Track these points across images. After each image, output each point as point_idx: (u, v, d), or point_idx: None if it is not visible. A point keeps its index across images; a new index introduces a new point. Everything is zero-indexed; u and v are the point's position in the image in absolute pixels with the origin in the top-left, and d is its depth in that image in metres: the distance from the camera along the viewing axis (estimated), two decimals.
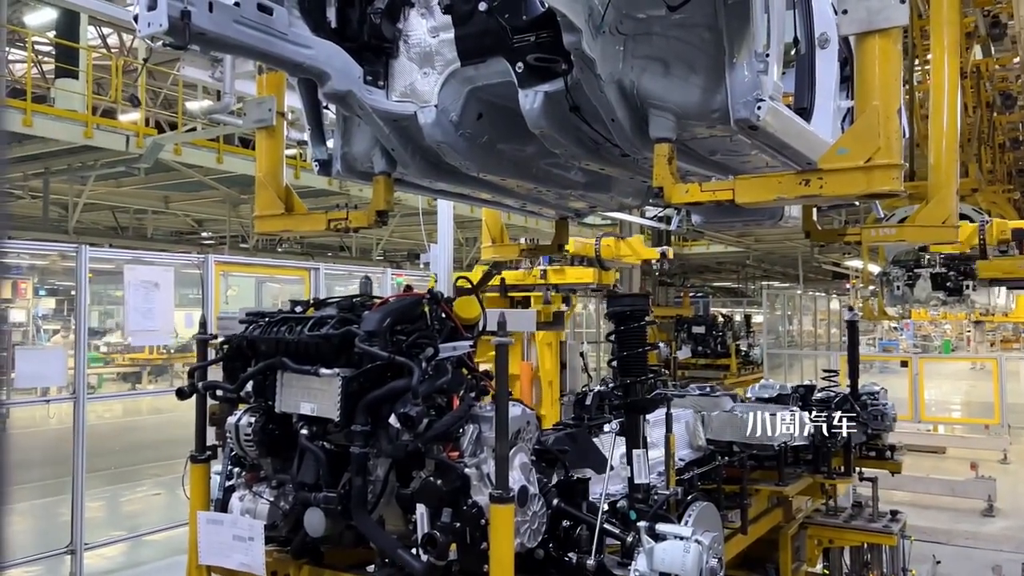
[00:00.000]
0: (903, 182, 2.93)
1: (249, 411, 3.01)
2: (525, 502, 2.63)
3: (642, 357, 3.09)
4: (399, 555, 2.56)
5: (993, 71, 18.21)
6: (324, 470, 2.76)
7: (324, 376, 2.74)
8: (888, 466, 6.20)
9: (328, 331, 2.83)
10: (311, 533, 2.77)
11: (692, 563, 2.64)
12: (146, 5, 2.77)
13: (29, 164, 13.65)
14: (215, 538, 2.94)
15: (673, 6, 3.08)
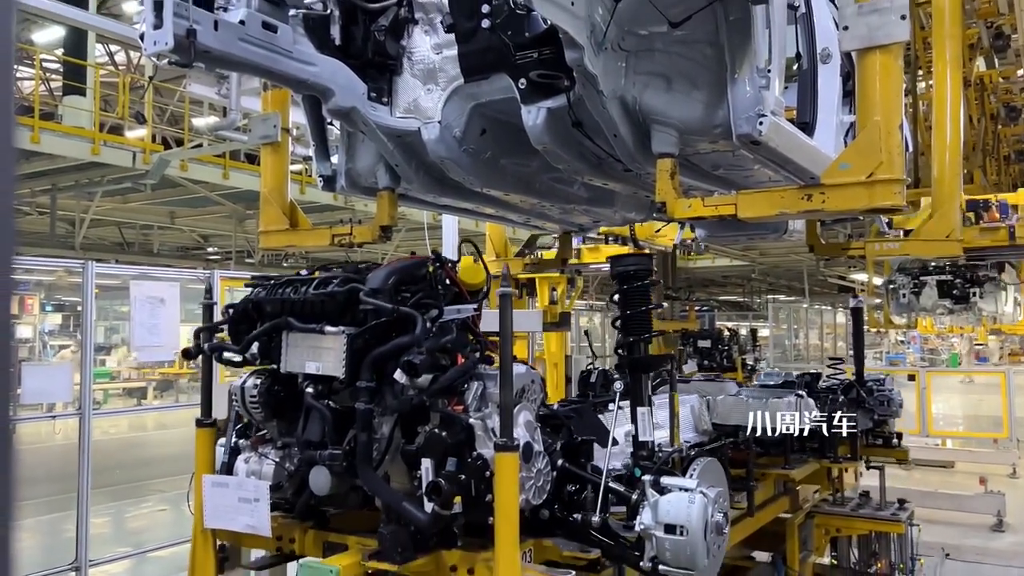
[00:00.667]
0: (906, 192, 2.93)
1: (254, 374, 3.02)
2: (530, 458, 2.63)
3: (645, 316, 3.05)
4: (404, 507, 2.54)
5: (997, 83, 18.23)
6: (329, 428, 2.75)
7: (329, 334, 2.73)
8: (895, 454, 6.18)
9: (333, 288, 2.84)
10: (316, 492, 2.75)
11: (697, 514, 2.62)
12: (152, 24, 2.80)
13: (37, 180, 13.74)
14: (220, 501, 2.92)
15: (675, 23, 3.10)
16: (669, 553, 2.62)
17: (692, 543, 2.60)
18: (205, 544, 3.08)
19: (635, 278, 3.04)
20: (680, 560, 2.62)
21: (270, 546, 3.10)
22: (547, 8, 2.63)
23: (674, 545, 2.61)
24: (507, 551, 2.40)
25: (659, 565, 2.64)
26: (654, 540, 2.63)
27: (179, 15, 2.77)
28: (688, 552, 2.60)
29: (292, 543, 3.03)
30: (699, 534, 2.61)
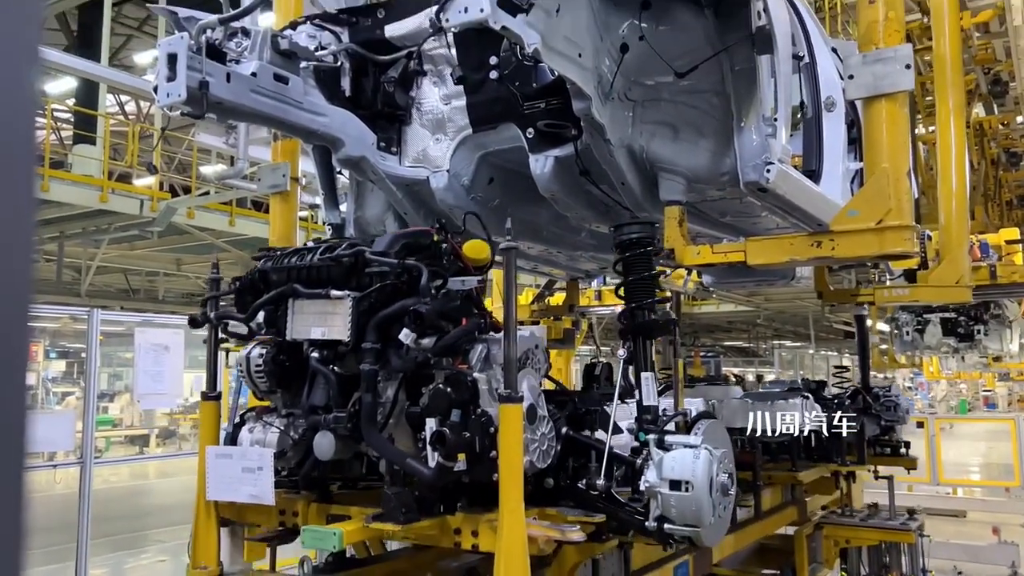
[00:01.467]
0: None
1: (259, 344, 2.99)
2: (534, 420, 2.60)
3: (647, 282, 3.00)
4: (408, 463, 2.51)
5: (996, 129, 18.39)
6: (334, 392, 2.72)
7: (335, 297, 2.71)
8: (903, 462, 6.10)
9: (339, 252, 2.84)
10: (320, 456, 2.70)
11: (702, 469, 2.57)
12: (166, 76, 2.84)
13: (45, 228, 13.83)
14: (224, 472, 2.88)
15: (681, 73, 3.14)
16: (675, 510, 2.58)
17: (697, 498, 2.56)
18: (208, 517, 3.04)
19: (637, 245, 3.00)
20: (686, 517, 2.57)
21: (273, 521, 3.07)
22: (554, 60, 2.67)
23: (679, 501, 2.57)
24: (511, 503, 2.36)
25: (664, 524, 2.60)
26: (659, 498, 2.59)
27: (192, 68, 2.81)
28: (693, 508, 2.56)
29: (295, 516, 2.99)
30: (704, 489, 2.56)
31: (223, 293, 3.15)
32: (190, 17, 3.03)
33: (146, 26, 18.27)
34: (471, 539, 2.53)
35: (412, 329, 2.55)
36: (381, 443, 2.61)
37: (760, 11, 3.01)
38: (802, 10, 4.04)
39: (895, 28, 3.03)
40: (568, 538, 2.56)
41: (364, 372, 2.61)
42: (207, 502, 3.01)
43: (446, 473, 2.44)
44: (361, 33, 3.40)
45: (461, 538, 2.56)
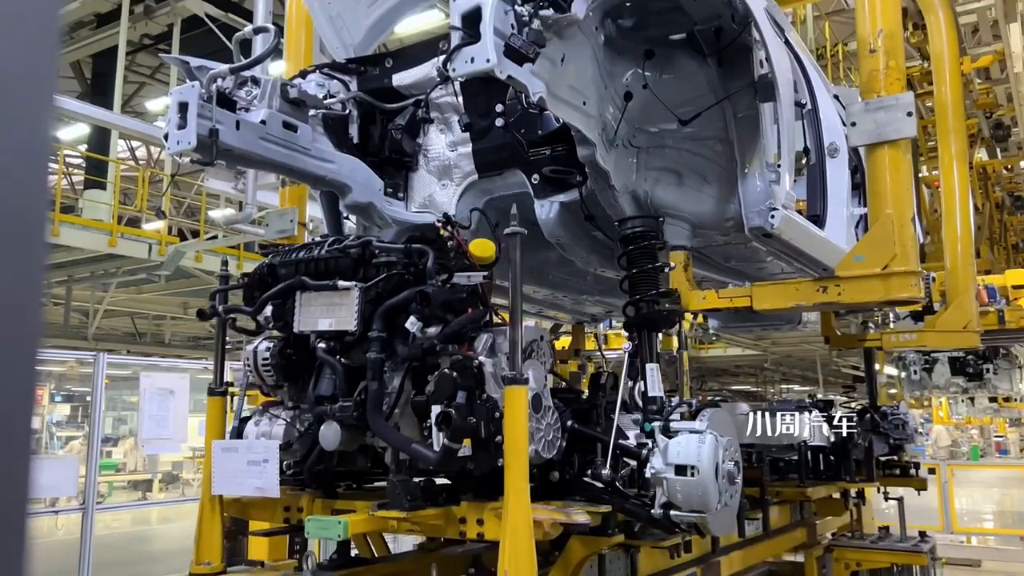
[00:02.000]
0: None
1: (267, 339, 2.98)
2: (539, 409, 2.58)
3: (651, 274, 2.99)
4: (413, 448, 2.49)
5: (1000, 173, 18.46)
6: (341, 382, 2.71)
7: (342, 288, 2.71)
8: (913, 483, 6.01)
9: (347, 244, 2.84)
10: (326, 447, 2.68)
11: (708, 454, 2.53)
12: (176, 124, 2.89)
13: (54, 272, 13.93)
14: (229, 466, 2.85)
15: (684, 121, 3.17)
16: (680, 495, 2.54)
17: (703, 483, 2.52)
18: (212, 511, 3.00)
19: (641, 238, 2.99)
20: (692, 502, 2.53)
21: (278, 517, 3.03)
22: (559, 108, 2.70)
23: (685, 486, 2.53)
24: (516, 485, 2.32)
25: (671, 511, 2.56)
26: (665, 484, 2.55)
27: (203, 116, 2.86)
28: (699, 493, 2.52)
29: (300, 512, 2.95)
30: (710, 474, 2.53)
31: (232, 287, 3.15)
32: (201, 66, 3.09)
33: (159, 74, 18.60)
34: (476, 528, 2.50)
35: (419, 315, 2.55)
36: (386, 430, 2.59)
37: (762, 60, 3.05)
38: (803, 58, 4.10)
39: (896, 76, 3.07)
40: (573, 520, 2.51)
41: (370, 360, 2.60)
42: (212, 497, 2.99)
43: (451, 456, 2.41)
44: (369, 82, 3.46)
45: (466, 527, 2.53)
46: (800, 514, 5.01)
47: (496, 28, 2.33)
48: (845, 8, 13.20)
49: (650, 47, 3.20)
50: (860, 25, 3.29)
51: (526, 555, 2.29)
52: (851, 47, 14.19)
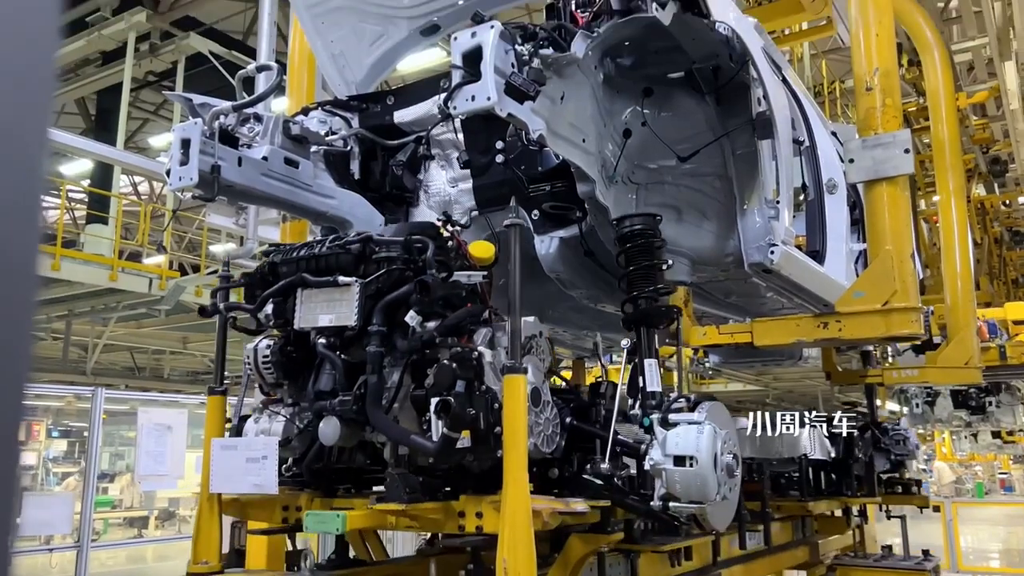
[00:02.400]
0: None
1: (267, 338, 2.97)
2: (538, 403, 2.57)
3: (649, 271, 2.94)
4: (412, 440, 2.49)
5: (998, 208, 18.53)
6: (340, 377, 2.70)
7: (343, 284, 2.71)
8: (915, 501, 5.97)
9: (347, 240, 2.85)
10: (325, 441, 2.66)
11: (706, 444, 2.52)
12: (179, 160, 2.91)
13: (53, 307, 13.93)
14: (228, 464, 2.83)
15: (683, 157, 3.20)
16: (679, 486, 2.52)
17: (702, 473, 2.51)
18: (211, 511, 2.98)
19: (639, 236, 2.96)
20: (691, 492, 2.52)
21: (276, 517, 3.00)
22: (559, 145, 2.72)
23: (684, 477, 2.51)
24: (515, 474, 2.31)
25: (670, 503, 2.55)
26: (664, 475, 2.54)
27: (205, 152, 2.88)
28: (698, 483, 2.50)
29: (299, 511, 2.92)
30: (708, 464, 2.52)
31: (233, 285, 3.15)
32: (204, 103, 3.12)
33: (162, 110, 18.79)
34: (475, 520, 2.48)
35: (418, 309, 2.55)
36: (385, 423, 2.58)
37: (760, 98, 3.08)
38: (801, 95, 4.14)
39: (893, 114, 3.10)
40: (572, 509, 2.50)
41: (370, 354, 2.60)
42: (210, 496, 2.97)
43: (450, 446, 2.39)
44: (371, 119, 3.49)
45: (465, 520, 2.51)
46: (802, 531, 4.99)
47: (497, 67, 2.36)
48: (841, 47, 13.36)
49: (649, 85, 3.24)
50: (856, 63, 3.33)
51: (525, 545, 2.27)
52: (848, 84, 14.36)
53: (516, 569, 2.24)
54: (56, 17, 0.75)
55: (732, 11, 3.01)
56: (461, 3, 3.63)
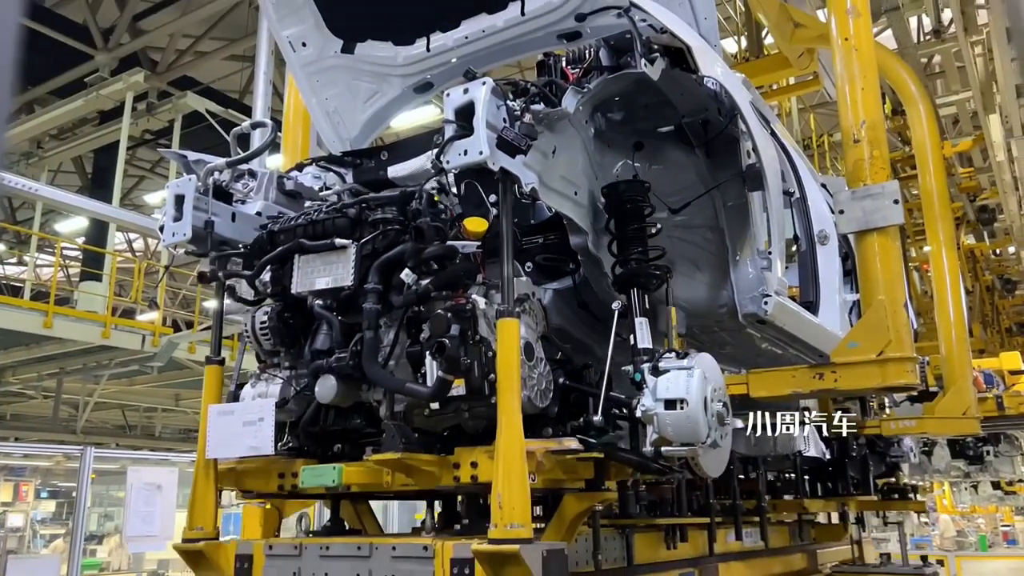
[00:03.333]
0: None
1: (264, 306, 2.96)
2: (531, 357, 2.60)
3: (639, 234, 2.95)
4: (408, 387, 2.52)
5: (988, 256, 18.62)
6: (337, 336, 2.71)
7: (339, 246, 2.74)
8: (912, 506, 5.96)
9: (344, 203, 2.88)
10: (321, 399, 2.68)
11: (696, 385, 2.54)
12: (172, 216, 2.92)
13: (45, 364, 13.82)
14: (225, 430, 2.81)
15: (675, 209, 3.22)
16: (671, 428, 2.53)
17: (692, 415, 2.52)
18: (207, 478, 2.96)
19: (628, 202, 2.97)
20: (682, 435, 2.53)
21: (272, 484, 2.96)
22: (551, 198, 2.74)
23: (675, 420, 2.53)
24: (510, 415, 2.31)
25: (662, 448, 2.57)
26: (655, 420, 2.56)
27: (199, 208, 2.90)
28: (689, 425, 2.52)
29: (295, 477, 2.89)
30: (699, 406, 2.53)
31: (232, 254, 3.12)
32: (199, 160, 3.14)
33: (158, 167, 18.96)
34: (470, 471, 2.49)
35: (413, 263, 2.57)
36: (381, 374, 2.59)
37: (749, 150, 3.12)
38: (790, 148, 4.19)
39: (881, 165, 3.13)
40: (565, 447, 2.53)
41: (366, 310, 2.61)
42: (206, 463, 2.95)
43: (445, 388, 2.40)
44: (365, 174, 3.51)
45: (460, 472, 2.52)
46: (800, 536, 4.99)
47: (489, 121, 2.39)
48: (828, 101, 13.63)
49: (639, 139, 3.28)
50: (843, 117, 3.38)
51: (519, 480, 2.27)
52: (836, 138, 14.59)
53: (511, 503, 2.24)
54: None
55: (720, 66, 3.06)
56: (454, 61, 3.69)
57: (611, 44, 2.88)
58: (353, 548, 2.68)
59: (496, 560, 2.23)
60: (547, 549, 2.27)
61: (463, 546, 2.35)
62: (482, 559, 2.26)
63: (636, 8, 2.79)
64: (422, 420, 2.65)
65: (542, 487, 2.59)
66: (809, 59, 6.78)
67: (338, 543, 2.78)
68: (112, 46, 14.07)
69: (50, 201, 13.03)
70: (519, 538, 2.20)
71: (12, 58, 0.78)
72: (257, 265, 2.93)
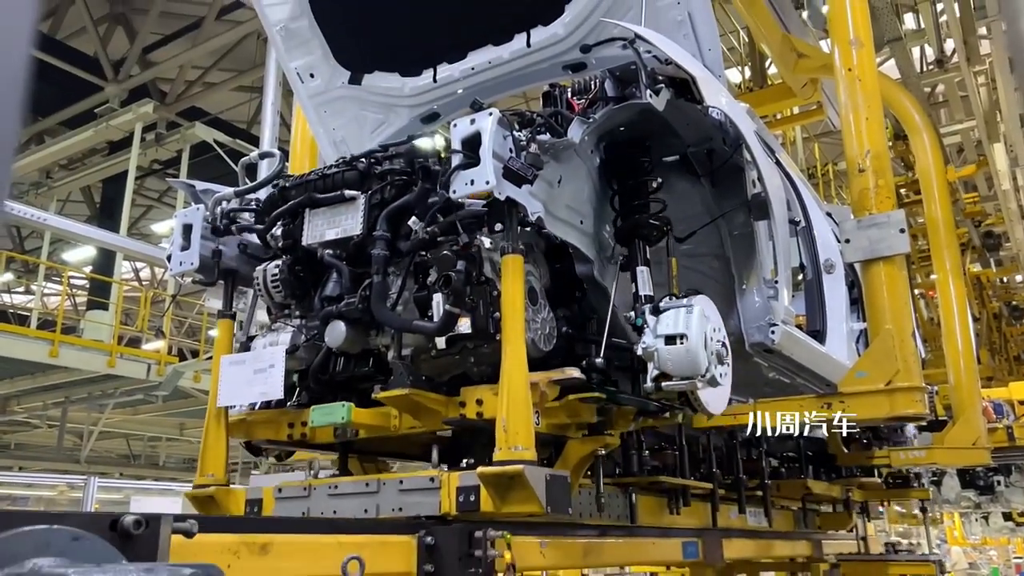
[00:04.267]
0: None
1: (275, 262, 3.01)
2: (535, 302, 2.65)
3: (641, 187, 2.98)
4: (415, 325, 2.58)
5: (995, 283, 18.50)
6: (347, 283, 2.77)
7: (349, 197, 2.81)
8: (916, 494, 5.97)
9: (354, 157, 2.94)
10: (331, 344, 2.73)
11: (696, 321, 2.60)
12: (180, 245, 2.94)
13: (50, 393, 13.81)
14: (236, 379, 2.86)
15: (680, 238, 3.22)
16: (671, 363, 2.58)
17: (692, 348, 2.57)
18: (218, 425, 2.99)
19: (628, 155, 3.00)
20: (682, 368, 2.58)
21: (281, 433, 3.02)
22: (557, 227, 2.74)
23: (675, 354, 2.57)
24: (514, 346, 2.36)
25: (662, 383, 2.61)
26: (656, 356, 2.60)
27: (206, 237, 2.91)
28: (689, 359, 2.56)
29: (304, 426, 2.94)
30: (698, 341, 2.58)
31: (244, 209, 3.16)
32: (207, 190, 3.17)
33: (166, 197, 19.09)
34: (476, 407, 2.54)
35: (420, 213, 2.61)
36: (389, 315, 2.65)
37: (754, 179, 3.12)
38: (795, 177, 4.20)
39: (886, 194, 3.14)
40: (568, 376, 2.56)
41: (375, 256, 2.66)
42: (217, 412, 2.98)
43: (451, 323, 2.45)
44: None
45: (466, 409, 2.57)
46: (804, 523, 5.01)
47: (495, 152, 2.40)
48: (833, 130, 13.70)
49: None
50: (848, 146, 3.39)
51: (523, 408, 2.32)
52: (840, 167, 14.62)
53: (515, 428, 2.29)
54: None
55: (724, 96, 3.08)
56: (460, 92, 3.72)
57: (616, 75, 2.91)
58: (361, 485, 2.74)
59: (501, 482, 2.30)
60: (551, 473, 2.35)
61: (469, 475, 2.43)
62: (487, 481, 2.33)
63: (641, 40, 2.82)
64: (428, 366, 2.70)
65: (546, 431, 2.65)
66: (813, 89, 6.82)
67: (346, 482, 2.85)
68: (122, 77, 14.24)
69: (58, 230, 13.11)
70: (523, 460, 2.26)
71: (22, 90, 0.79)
72: (268, 219, 2.99)
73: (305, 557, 1.98)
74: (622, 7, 3.24)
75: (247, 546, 1.87)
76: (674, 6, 3.16)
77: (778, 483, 4.67)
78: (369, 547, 1.65)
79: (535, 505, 2.28)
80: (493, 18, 3.53)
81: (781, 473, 4.99)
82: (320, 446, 3.20)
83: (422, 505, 2.52)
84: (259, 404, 3.09)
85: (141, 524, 1.35)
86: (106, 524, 1.32)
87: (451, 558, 2.24)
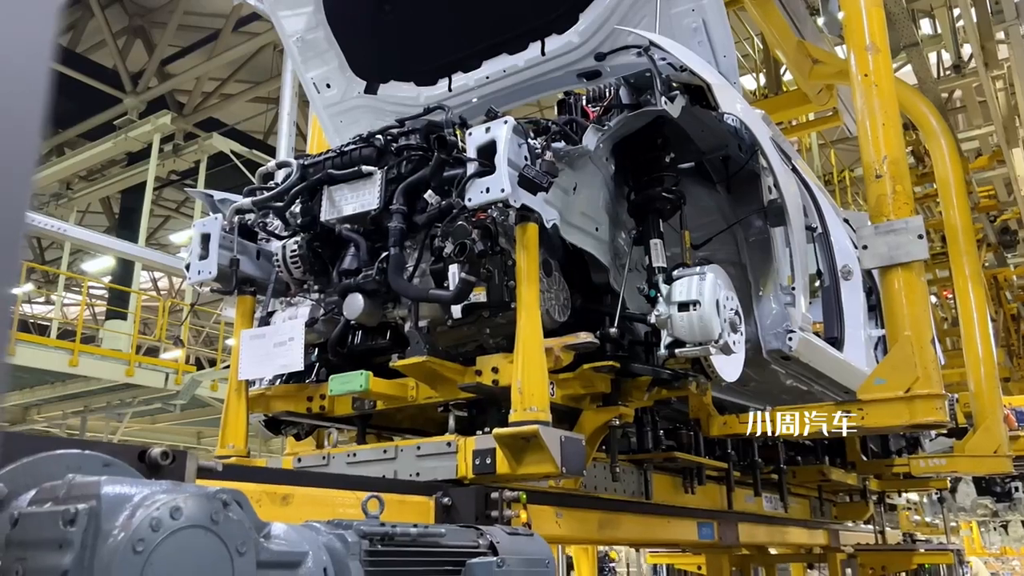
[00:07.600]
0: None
1: (294, 238, 3.06)
2: (550, 273, 2.69)
3: (655, 162, 2.99)
4: (431, 294, 2.61)
5: (1012, 281, 18.20)
6: (364, 255, 2.81)
7: (366, 172, 2.85)
8: (934, 484, 5.95)
9: (370, 133, 2.99)
10: (349, 315, 2.77)
11: (709, 287, 2.62)
12: (198, 255, 2.96)
13: (70, 402, 13.92)
14: (257, 352, 2.89)
15: (696, 244, 3.21)
16: (684, 329, 2.61)
17: (705, 314, 2.59)
18: (239, 397, 3.02)
19: (642, 131, 2.98)
20: (695, 334, 2.60)
21: (301, 406, 3.06)
22: (572, 234, 2.74)
23: (688, 320, 2.61)
24: (529, 310, 2.39)
25: (676, 349, 2.64)
26: (669, 323, 2.64)
27: (224, 247, 2.93)
28: (702, 324, 2.59)
29: (323, 399, 3.00)
30: (711, 307, 2.60)
31: (261, 187, 3.22)
32: (225, 199, 3.19)
33: (184, 207, 19.25)
34: (491, 375, 2.58)
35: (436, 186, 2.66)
36: (406, 285, 2.68)
37: (770, 186, 3.11)
38: (811, 183, 4.18)
39: (904, 200, 3.11)
40: (581, 340, 2.58)
41: (392, 229, 2.71)
42: (238, 384, 3.00)
43: (467, 290, 2.48)
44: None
45: (482, 377, 2.61)
46: (820, 512, 5.00)
47: (510, 159, 2.41)
48: (849, 136, 13.61)
49: None
50: (865, 152, 3.37)
51: (538, 370, 2.35)
52: (857, 173, 14.52)
53: (530, 390, 2.32)
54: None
55: (740, 103, 3.07)
56: (475, 100, 3.73)
57: (631, 82, 2.91)
58: (379, 452, 2.78)
59: (516, 443, 2.33)
60: (565, 435, 2.38)
61: (485, 439, 2.47)
62: (503, 442, 2.36)
63: (656, 47, 2.82)
64: (444, 337, 2.74)
65: (561, 402, 2.68)
66: (828, 95, 6.79)
67: (364, 449, 2.89)
68: (140, 90, 14.40)
69: (78, 241, 13.25)
70: (538, 420, 2.29)
71: (43, 103, 0.81)
72: (288, 197, 3.03)
73: (325, 510, 2.01)
74: (636, 15, 3.24)
75: (269, 496, 1.91)
76: (688, 13, 3.16)
77: (793, 469, 4.64)
78: (388, 505, 1.68)
79: (550, 465, 2.31)
80: (507, 27, 3.54)
81: (797, 460, 4.98)
82: (339, 419, 3.23)
83: (439, 470, 2.55)
84: (278, 381, 3.15)
85: (168, 456, 1.40)
86: (135, 455, 1.38)
87: (468, 518, 2.26)
